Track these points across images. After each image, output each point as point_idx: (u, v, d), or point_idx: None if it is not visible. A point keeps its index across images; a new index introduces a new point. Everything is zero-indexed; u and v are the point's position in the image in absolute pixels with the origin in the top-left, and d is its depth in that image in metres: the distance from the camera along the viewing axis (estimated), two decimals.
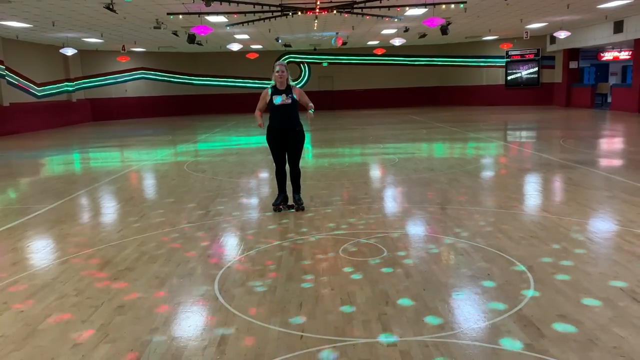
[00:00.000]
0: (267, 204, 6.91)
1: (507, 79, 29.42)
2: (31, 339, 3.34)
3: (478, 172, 8.99)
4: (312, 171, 9.46)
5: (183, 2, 13.76)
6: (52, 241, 5.65)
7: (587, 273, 4.14)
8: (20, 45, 21.56)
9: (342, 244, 5.09)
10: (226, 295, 3.94)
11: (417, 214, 6.23)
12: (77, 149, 15.37)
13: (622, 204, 6.34)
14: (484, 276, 4.14)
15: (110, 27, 18.47)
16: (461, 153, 11.63)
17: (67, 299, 3.97)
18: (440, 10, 16.28)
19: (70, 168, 11.56)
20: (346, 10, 15.29)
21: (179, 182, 8.92)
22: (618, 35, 21.37)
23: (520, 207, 6.42)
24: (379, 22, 19.21)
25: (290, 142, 6.39)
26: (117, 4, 13.48)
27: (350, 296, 3.84)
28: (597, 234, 5.26)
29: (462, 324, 3.35)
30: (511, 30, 23.77)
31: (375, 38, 26.09)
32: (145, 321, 3.54)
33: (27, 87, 22.31)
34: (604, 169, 9.02)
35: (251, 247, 5.14)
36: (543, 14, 19.14)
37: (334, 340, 3.19)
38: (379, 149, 12.56)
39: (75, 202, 7.65)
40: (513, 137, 14.86)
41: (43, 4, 13.95)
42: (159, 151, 13.76)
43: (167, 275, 4.42)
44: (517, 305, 3.58)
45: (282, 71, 6.24)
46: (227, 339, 3.26)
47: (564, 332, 3.19)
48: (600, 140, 13.32)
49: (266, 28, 19.58)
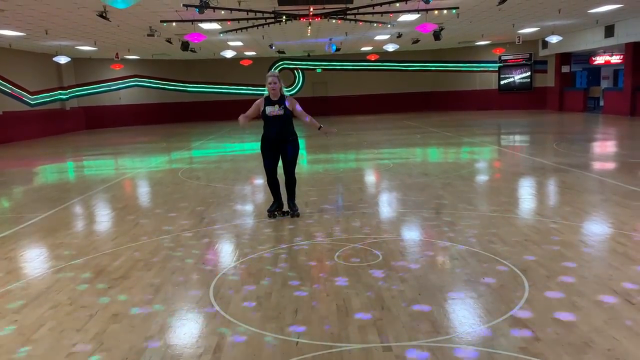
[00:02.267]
0: (262, 210, 6.91)
1: (500, 84, 29.57)
2: (25, 349, 3.32)
3: (472, 177, 9.02)
4: (306, 177, 9.46)
5: (176, 9, 13.78)
6: (45, 250, 5.62)
7: (581, 276, 4.16)
8: (14, 54, 21.51)
9: (337, 250, 5.09)
10: (221, 302, 3.94)
11: (412, 219, 6.24)
12: (71, 157, 15.32)
13: (616, 207, 6.38)
14: (479, 280, 4.15)
15: (104, 35, 18.46)
16: (455, 158, 11.67)
17: (61, 307, 3.95)
18: (433, 16, 16.36)
19: (63, 176, 11.52)
20: (339, 17, 15.35)
21: (173, 189, 8.90)
22: (609, 40, 21.55)
23: (514, 211, 6.44)
24: (372, 28, 19.30)
25: (283, 152, 6.41)
26: (110, 12, 13.48)
27: (346, 302, 3.84)
28: (591, 237, 5.28)
29: (457, 328, 3.35)
30: (503, 35, 23.92)
31: (369, 44, 26.20)
32: (140, 329, 3.53)
33: (21, 96, 22.24)
34: (597, 172, 9.07)
35: (246, 253, 5.13)
36: (535, 19, 19.28)
37: (330, 346, 3.19)
38: (373, 155, 12.59)
39: (69, 211, 7.62)
40: (507, 142, 14.93)
41: (36, 13, 13.94)
42: (153, 158, 13.73)
43: (161, 282, 4.40)
44: (512, 308, 3.59)
45: (275, 82, 6.23)
46: (222, 346, 3.25)
47: (559, 335, 3.20)
48: (593, 143, 13.40)
49: (260, 35, 19.63)
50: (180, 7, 13.28)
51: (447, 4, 14.72)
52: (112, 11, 13.49)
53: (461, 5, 15.12)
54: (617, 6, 16.84)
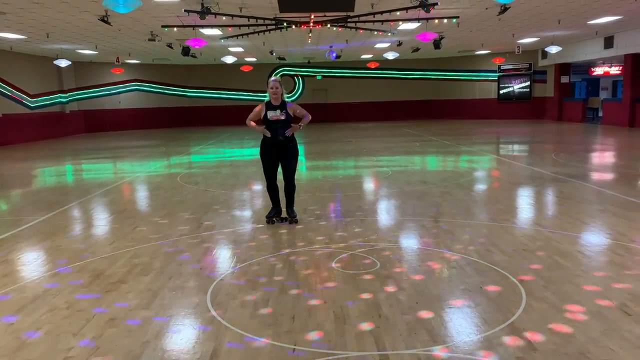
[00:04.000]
0: (261, 216, 6.91)
1: (499, 93, 29.66)
2: (21, 352, 3.32)
3: (471, 185, 9.04)
4: (305, 184, 9.47)
5: (178, 14, 13.83)
6: (43, 253, 5.61)
7: (579, 286, 4.16)
8: (14, 57, 21.55)
9: (335, 257, 5.09)
10: (218, 308, 3.93)
11: (410, 227, 6.25)
12: (70, 160, 15.32)
13: (613, 218, 6.39)
14: (477, 289, 4.15)
15: (105, 39, 18.51)
16: (454, 166, 11.69)
17: (58, 311, 3.94)
18: (433, 25, 16.44)
19: (62, 180, 11.51)
20: (340, 24, 15.41)
21: (172, 194, 8.90)
22: (608, 51, 21.66)
23: (512, 221, 6.45)
24: (373, 36, 19.37)
25: (283, 157, 6.42)
26: (111, 16, 13.52)
27: (343, 309, 3.84)
28: (588, 247, 5.29)
29: (454, 337, 3.35)
30: (503, 44, 24.02)
31: (369, 52, 26.28)
32: (137, 334, 3.52)
33: (20, 99, 22.25)
34: (596, 182, 9.09)
35: (244, 259, 5.13)
36: (534, 29, 19.37)
37: (327, 353, 3.19)
38: (372, 162, 12.61)
39: (67, 214, 7.61)
40: (505, 151, 14.96)
41: (37, 16, 13.98)
42: (152, 163, 13.74)
43: (159, 287, 4.40)
44: (509, 318, 3.59)
45: (277, 87, 6.26)
46: (219, 351, 3.25)
47: (556, 345, 3.20)
48: (591, 154, 13.43)
49: (260, 41, 19.69)
50: (181, 13, 13.33)
51: (448, 13, 14.80)
52: (113, 16, 13.53)
53: (461, 14, 15.19)
54: (616, 17, 16.93)
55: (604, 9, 15.50)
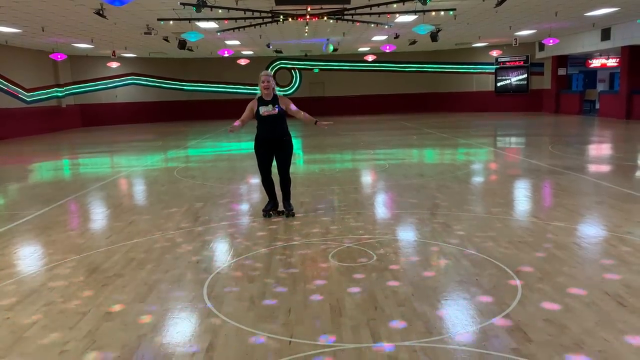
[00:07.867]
0: (257, 210, 6.90)
1: (496, 86, 29.64)
2: (17, 346, 3.32)
3: (468, 178, 9.04)
4: (302, 177, 9.46)
5: (173, 8, 13.76)
6: (39, 247, 5.60)
7: (574, 278, 4.17)
8: (10, 51, 21.44)
9: (332, 250, 5.10)
10: (215, 301, 3.93)
11: (406, 220, 6.25)
12: (66, 154, 15.28)
13: (610, 210, 6.40)
14: (472, 281, 4.16)
15: (101, 32, 18.42)
16: (451, 159, 11.69)
17: (54, 305, 3.94)
18: (430, 17, 16.40)
19: (58, 174, 11.48)
20: (337, 17, 15.36)
21: (168, 188, 8.89)
22: (605, 43, 21.62)
23: (509, 213, 6.46)
24: (370, 29, 19.31)
25: (278, 152, 6.41)
26: (107, 9, 13.45)
27: (339, 301, 3.84)
28: (584, 239, 5.30)
29: (450, 329, 3.36)
30: (500, 37, 23.98)
31: (366, 44, 26.21)
32: (133, 328, 3.52)
33: (16, 93, 22.16)
34: (592, 174, 9.10)
35: (240, 253, 5.13)
36: (532, 21, 19.34)
37: (323, 345, 3.19)
38: (369, 155, 12.60)
39: (63, 209, 7.60)
40: (502, 143, 14.96)
41: (33, 9, 13.89)
42: (149, 157, 13.71)
43: (155, 281, 4.40)
44: (505, 309, 3.61)
45: (268, 81, 6.23)
46: (215, 344, 3.25)
47: (551, 336, 3.22)
48: (588, 146, 13.44)
49: (257, 34, 19.61)
50: (177, 6, 13.26)
51: (445, 5, 14.75)
52: (109, 9, 13.46)
53: (458, 6, 15.15)
54: (613, 9, 16.91)
55: (601, 1, 15.48)
